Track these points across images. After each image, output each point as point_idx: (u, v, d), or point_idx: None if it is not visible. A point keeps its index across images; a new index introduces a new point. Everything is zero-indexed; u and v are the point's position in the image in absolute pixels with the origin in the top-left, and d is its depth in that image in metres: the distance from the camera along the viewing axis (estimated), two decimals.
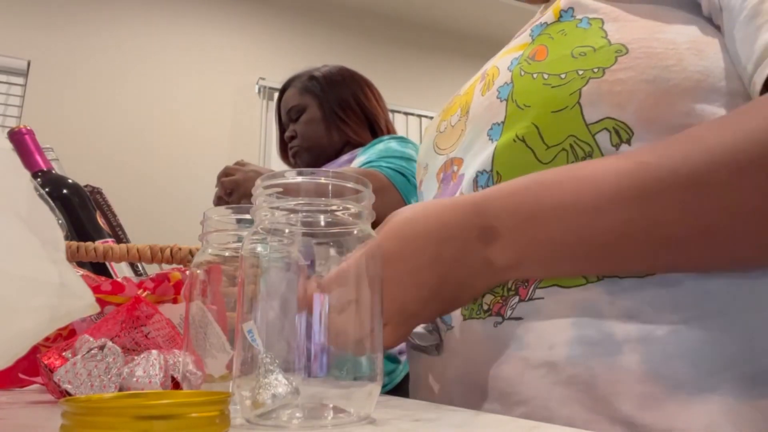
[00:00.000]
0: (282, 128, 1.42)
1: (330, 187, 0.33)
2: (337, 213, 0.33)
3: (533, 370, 0.39)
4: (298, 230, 0.33)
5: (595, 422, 0.36)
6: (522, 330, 0.41)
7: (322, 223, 0.33)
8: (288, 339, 0.31)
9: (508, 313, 0.42)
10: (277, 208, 0.33)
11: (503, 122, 0.47)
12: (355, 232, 0.34)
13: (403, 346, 1.17)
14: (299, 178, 0.33)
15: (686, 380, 0.35)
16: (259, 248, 0.33)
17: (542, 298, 0.41)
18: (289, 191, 0.33)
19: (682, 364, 0.35)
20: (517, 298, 0.42)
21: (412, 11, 3.41)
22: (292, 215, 0.33)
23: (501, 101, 0.48)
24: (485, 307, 0.44)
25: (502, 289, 0.43)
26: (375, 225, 0.37)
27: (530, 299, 0.41)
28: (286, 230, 0.33)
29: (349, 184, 0.34)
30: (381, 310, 0.34)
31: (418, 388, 0.51)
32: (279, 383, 0.29)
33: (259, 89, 3.00)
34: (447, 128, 0.57)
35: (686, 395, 0.34)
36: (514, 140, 0.45)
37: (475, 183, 0.48)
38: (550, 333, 0.39)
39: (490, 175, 0.47)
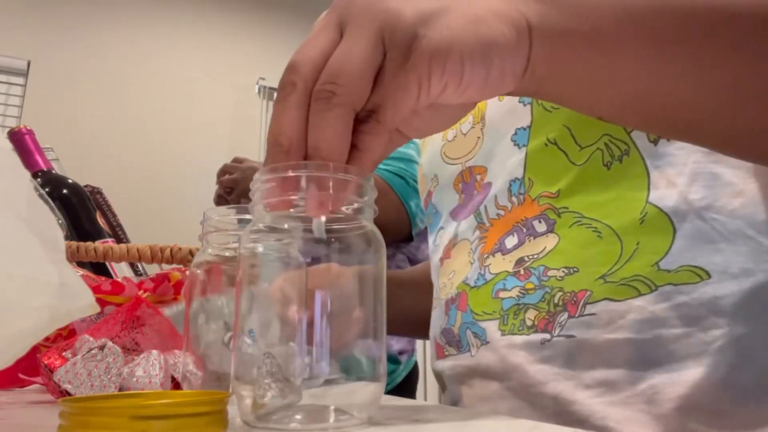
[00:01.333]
0: None
1: (331, 181, 0.31)
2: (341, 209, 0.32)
3: (588, 389, 0.38)
4: (298, 227, 0.32)
5: None
6: (574, 348, 0.39)
7: (323, 219, 0.32)
8: (288, 339, 0.31)
9: (557, 330, 0.40)
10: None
11: (529, 126, 0.46)
12: (357, 228, 0.33)
13: (404, 346, 1.17)
14: (299, 173, 0.31)
15: (753, 390, 0.34)
16: (258, 246, 0.33)
17: (594, 314, 0.39)
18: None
19: (747, 373, 0.34)
20: (566, 315, 0.40)
21: None
22: (292, 211, 0.32)
23: (524, 105, 0.46)
24: (528, 323, 0.42)
25: (548, 304, 0.41)
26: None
27: (581, 315, 0.39)
28: (285, 226, 0.32)
29: (351, 179, 0.32)
30: (384, 308, 0.33)
31: (456, 402, 0.49)
32: (279, 384, 0.29)
33: (259, 89, 3.00)
34: (457, 136, 0.54)
35: (755, 406, 0.34)
36: (546, 144, 0.44)
37: (510, 192, 0.47)
38: (606, 351, 0.38)
39: (521, 182, 0.46)
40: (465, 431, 0.29)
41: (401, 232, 1.04)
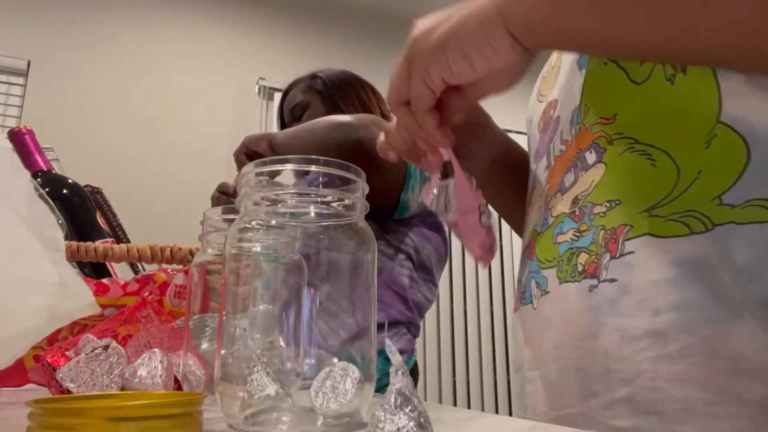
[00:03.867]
0: (283, 123, 1.42)
1: (321, 177, 0.31)
2: (330, 204, 0.31)
3: (634, 341, 0.33)
4: (288, 223, 0.31)
5: (720, 404, 0.30)
6: (617, 293, 0.34)
7: (313, 215, 0.31)
8: (278, 338, 0.30)
9: (603, 274, 0.35)
10: (265, 198, 0.31)
11: None
12: (347, 223, 0.32)
13: (404, 345, 1.17)
14: (289, 166, 0.31)
15: None
16: (246, 244, 0.32)
17: (633, 251, 0.34)
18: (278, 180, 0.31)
19: None
20: (608, 256, 0.35)
21: (412, 11, 3.40)
22: (281, 207, 0.31)
23: None
24: (580, 268, 0.37)
25: (596, 246, 0.36)
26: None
27: (621, 255, 0.35)
28: (273, 222, 0.31)
29: (342, 174, 0.31)
30: (374, 304, 0.32)
31: (519, 367, 0.45)
32: (268, 384, 0.28)
33: (259, 89, 3.00)
34: (548, 70, 0.50)
35: None
36: (605, 62, 0.39)
37: (571, 123, 0.42)
38: (650, 295, 0.33)
39: (578, 109, 0.41)
40: (465, 431, 0.29)
41: (387, 198, 0.95)
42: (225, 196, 1.12)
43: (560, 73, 0.47)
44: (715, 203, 0.32)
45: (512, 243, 2.90)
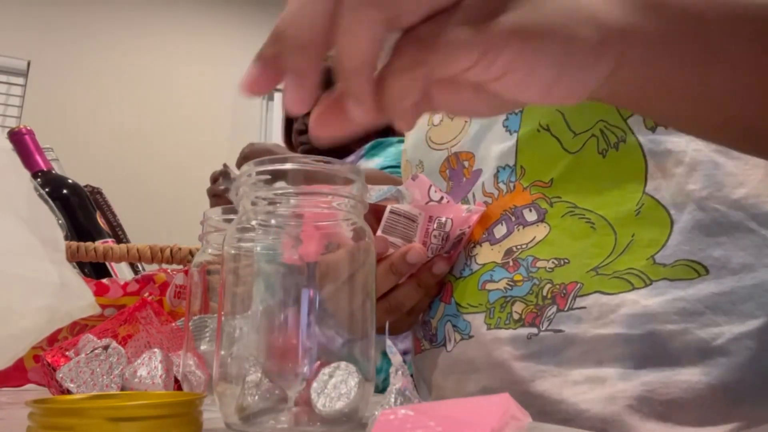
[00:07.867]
0: (289, 119, 1.37)
1: (320, 175, 0.30)
2: (330, 203, 0.31)
3: (575, 385, 0.36)
4: (286, 222, 0.31)
5: None
6: (562, 343, 0.37)
7: (313, 215, 0.31)
8: (276, 339, 0.30)
9: (545, 324, 0.38)
10: (263, 198, 0.31)
11: (521, 111, 0.43)
12: (347, 224, 0.32)
13: (408, 345, 1.16)
14: (288, 165, 0.30)
15: (753, 391, 0.33)
16: (245, 244, 0.31)
17: (584, 307, 0.37)
18: (277, 179, 0.30)
19: (748, 374, 0.33)
20: (554, 308, 0.38)
21: None
22: (279, 206, 0.31)
23: None
24: (516, 317, 0.39)
25: (536, 297, 0.39)
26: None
27: (570, 309, 0.37)
28: (272, 221, 0.31)
29: (341, 173, 0.31)
30: (374, 304, 0.32)
31: (426, 398, 0.47)
32: (266, 385, 0.28)
33: None
34: (444, 121, 0.52)
35: (751, 407, 0.33)
36: (538, 130, 0.42)
37: (496, 179, 0.44)
38: (595, 348, 0.36)
39: (513, 170, 0.43)
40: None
41: None
42: (223, 199, 1.10)
43: (468, 128, 0.48)
44: (649, 262, 0.36)
45: None
